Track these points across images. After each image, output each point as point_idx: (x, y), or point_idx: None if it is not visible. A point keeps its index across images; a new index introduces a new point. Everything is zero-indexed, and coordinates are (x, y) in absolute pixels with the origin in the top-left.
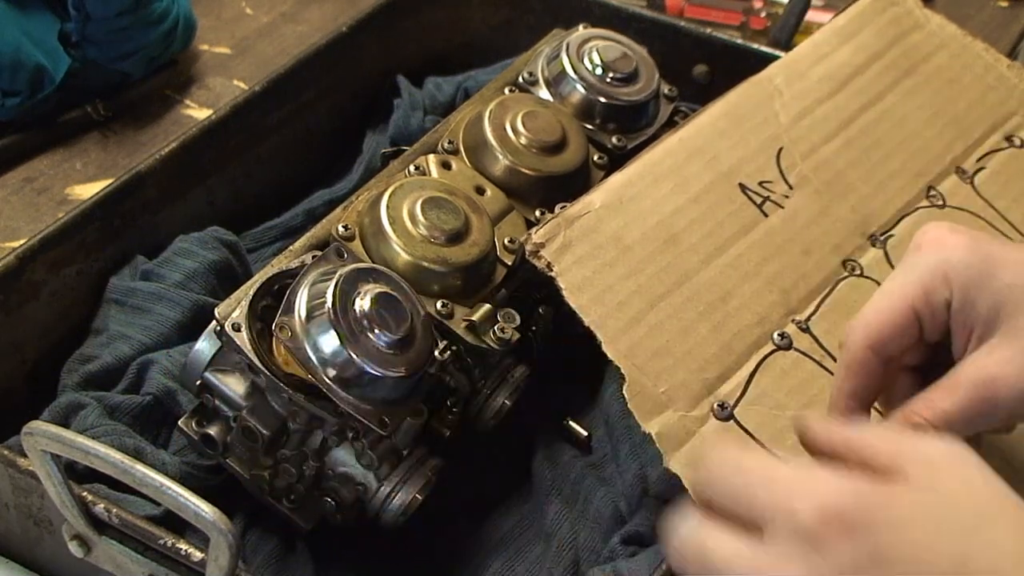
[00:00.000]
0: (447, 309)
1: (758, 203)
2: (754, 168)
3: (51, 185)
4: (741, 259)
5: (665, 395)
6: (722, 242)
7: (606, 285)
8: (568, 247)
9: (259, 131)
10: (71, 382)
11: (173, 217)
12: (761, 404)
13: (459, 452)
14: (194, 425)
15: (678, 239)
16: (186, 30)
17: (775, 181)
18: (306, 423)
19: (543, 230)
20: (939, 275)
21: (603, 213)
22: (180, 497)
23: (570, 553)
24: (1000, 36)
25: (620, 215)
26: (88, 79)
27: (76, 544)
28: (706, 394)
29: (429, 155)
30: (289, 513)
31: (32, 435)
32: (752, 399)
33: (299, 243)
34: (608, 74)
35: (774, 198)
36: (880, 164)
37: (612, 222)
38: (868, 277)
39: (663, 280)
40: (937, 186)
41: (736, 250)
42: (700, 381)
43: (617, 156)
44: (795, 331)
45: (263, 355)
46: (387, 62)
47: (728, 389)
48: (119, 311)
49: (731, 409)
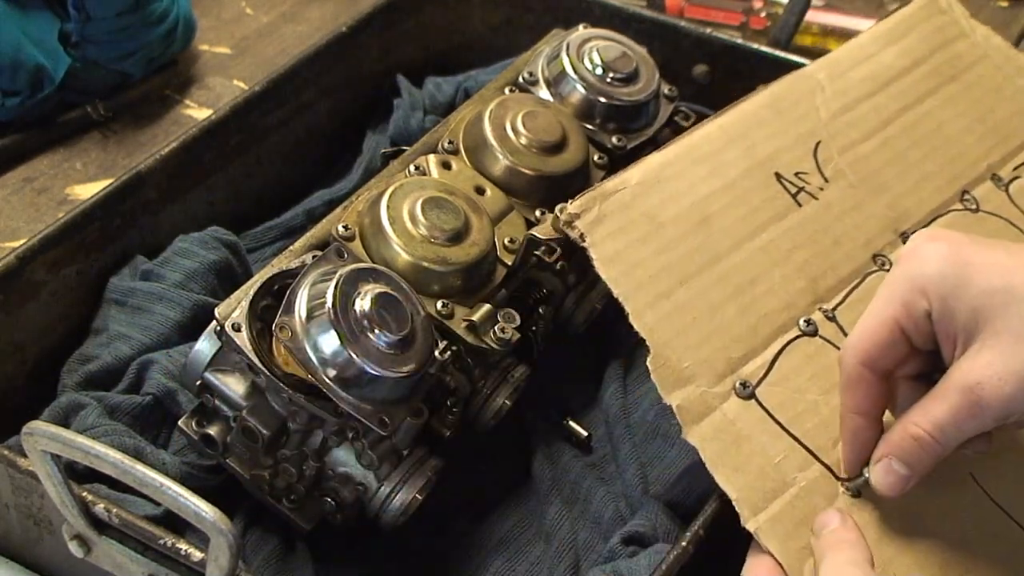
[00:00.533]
0: (447, 309)
1: (792, 192)
2: (791, 159)
3: (51, 185)
4: (772, 245)
5: (688, 370)
6: (754, 227)
7: (637, 260)
8: (602, 220)
9: (259, 131)
10: (71, 382)
11: (173, 217)
12: (783, 386)
13: (459, 452)
14: (194, 425)
15: (711, 221)
16: (186, 30)
17: (811, 173)
18: (306, 423)
19: (579, 201)
20: (916, 288)
21: (638, 190)
22: (180, 497)
23: (570, 553)
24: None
25: (655, 193)
26: (88, 79)
27: (76, 544)
28: (729, 372)
29: (429, 155)
30: (289, 513)
31: (32, 435)
32: (774, 380)
33: (299, 243)
34: (608, 74)
35: (809, 189)
36: (916, 165)
37: (647, 200)
38: None
39: (694, 260)
40: (972, 191)
41: (768, 236)
42: (724, 359)
43: (617, 156)
44: (821, 319)
45: (263, 355)
46: (387, 62)
47: (751, 369)
48: (119, 311)
49: (753, 388)
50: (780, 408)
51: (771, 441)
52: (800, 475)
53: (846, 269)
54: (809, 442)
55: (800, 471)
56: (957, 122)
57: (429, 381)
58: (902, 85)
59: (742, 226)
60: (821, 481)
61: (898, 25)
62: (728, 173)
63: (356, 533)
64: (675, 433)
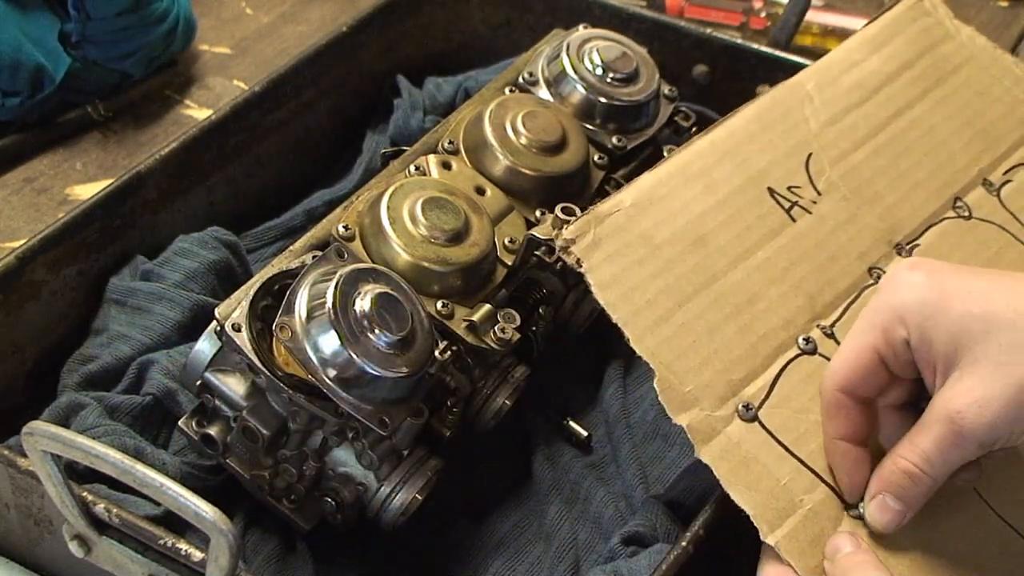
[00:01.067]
0: (447, 309)
1: (786, 208)
2: (783, 173)
3: (51, 185)
4: (768, 263)
5: (691, 393)
6: (750, 245)
7: (634, 283)
8: (598, 244)
9: (259, 131)
10: (71, 382)
11: (173, 217)
12: (785, 407)
13: (459, 452)
14: (194, 425)
15: (706, 240)
16: (186, 30)
17: (803, 187)
18: (306, 423)
19: (574, 227)
20: (895, 316)
21: (633, 212)
22: (180, 497)
23: (570, 553)
24: (1000, 36)
25: (650, 214)
26: (88, 79)
27: (76, 544)
28: (731, 395)
29: (429, 155)
30: (289, 513)
31: (32, 435)
32: (776, 402)
33: (299, 243)
34: (608, 74)
35: (802, 203)
36: (908, 173)
37: (642, 221)
38: None
39: (691, 280)
40: (964, 197)
41: (764, 253)
42: (725, 382)
43: (617, 156)
44: (820, 336)
45: (263, 355)
46: (387, 62)
47: (753, 391)
48: (119, 311)
49: (755, 411)
50: (783, 430)
51: (777, 463)
52: (807, 497)
53: (843, 284)
54: (813, 463)
55: (806, 493)
56: (946, 126)
57: (429, 381)
58: (890, 91)
59: (738, 244)
60: (827, 503)
61: (884, 29)
62: (721, 190)
63: (356, 533)
64: (675, 433)
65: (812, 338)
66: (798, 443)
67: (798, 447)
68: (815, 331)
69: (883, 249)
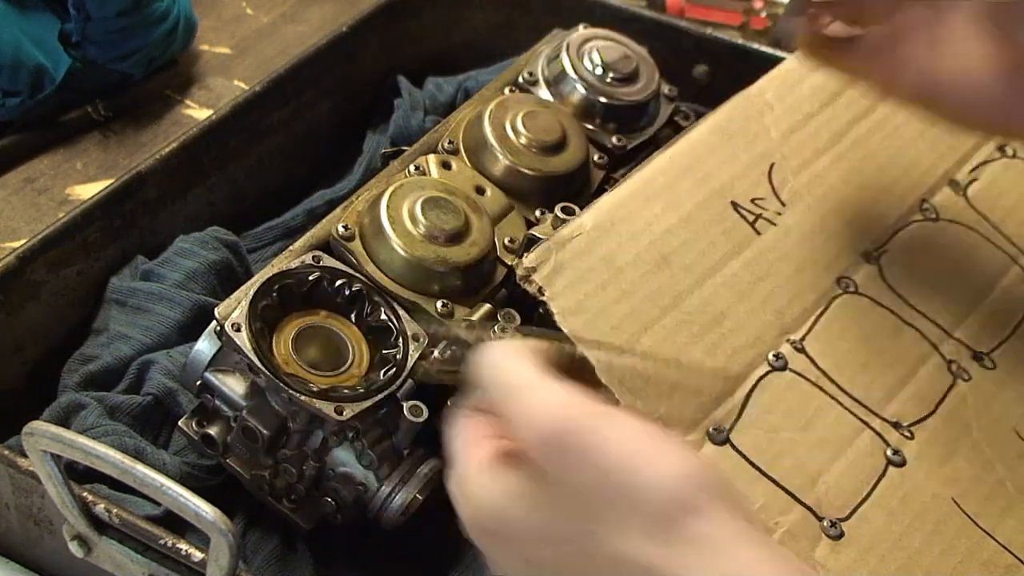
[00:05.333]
0: (447, 309)
1: (750, 221)
2: (746, 185)
3: (51, 185)
4: (734, 279)
5: (661, 420)
6: (715, 262)
7: (599, 308)
8: (560, 270)
9: (259, 131)
10: (71, 382)
11: (173, 217)
12: (757, 427)
13: None
14: (194, 425)
15: (670, 260)
16: (186, 30)
17: (767, 198)
18: (306, 423)
19: (534, 255)
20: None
21: (594, 235)
22: (180, 497)
23: None
24: None
25: (612, 236)
26: (88, 79)
27: (76, 544)
28: (702, 418)
29: (429, 155)
30: (289, 513)
31: (32, 435)
32: (747, 423)
33: (299, 243)
34: (608, 74)
35: (767, 215)
36: (873, 178)
37: (604, 244)
38: (863, 294)
39: (656, 302)
40: (930, 199)
41: (729, 270)
42: (695, 405)
43: (617, 156)
44: (790, 351)
45: (263, 355)
46: (387, 62)
47: (723, 413)
48: (119, 311)
49: (727, 433)
50: (756, 451)
51: (750, 486)
52: (782, 519)
53: (811, 296)
54: (788, 484)
55: (782, 514)
56: (909, 127)
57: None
58: (852, 94)
59: (702, 262)
60: (803, 523)
61: None
62: (684, 206)
63: (356, 533)
64: None
65: (782, 354)
66: (772, 464)
67: (772, 468)
68: (785, 346)
69: (851, 258)
